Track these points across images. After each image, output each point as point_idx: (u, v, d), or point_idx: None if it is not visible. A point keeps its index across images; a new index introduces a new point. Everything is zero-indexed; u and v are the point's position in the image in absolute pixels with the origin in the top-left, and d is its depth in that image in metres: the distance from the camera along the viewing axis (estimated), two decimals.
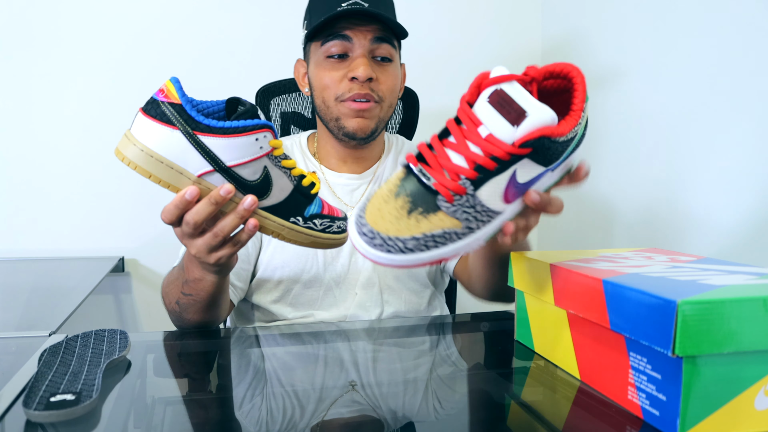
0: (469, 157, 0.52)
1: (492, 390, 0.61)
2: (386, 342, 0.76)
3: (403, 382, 0.61)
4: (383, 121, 0.95)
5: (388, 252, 0.50)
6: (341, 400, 0.55)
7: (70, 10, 1.48)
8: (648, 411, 0.49)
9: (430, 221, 0.51)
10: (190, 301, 0.75)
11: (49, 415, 0.48)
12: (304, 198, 0.65)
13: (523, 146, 0.51)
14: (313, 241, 0.66)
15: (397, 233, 0.50)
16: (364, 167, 1.01)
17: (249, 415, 0.53)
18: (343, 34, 0.89)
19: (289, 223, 0.64)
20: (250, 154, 0.59)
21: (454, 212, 0.52)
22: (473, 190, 0.52)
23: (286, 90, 1.19)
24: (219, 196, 0.59)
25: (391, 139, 1.07)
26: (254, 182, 0.61)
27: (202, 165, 0.58)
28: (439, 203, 0.52)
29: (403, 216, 0.51)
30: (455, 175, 0.52)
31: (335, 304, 0.94)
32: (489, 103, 0.52)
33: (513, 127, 0.50)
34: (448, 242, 0.52)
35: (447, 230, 0.51)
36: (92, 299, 1.16)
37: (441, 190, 0.51)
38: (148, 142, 0.57)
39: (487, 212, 0.53)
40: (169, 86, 0.57)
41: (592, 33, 1.48)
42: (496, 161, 0.51)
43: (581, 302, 0.56)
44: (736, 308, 0.45)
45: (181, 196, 0.59)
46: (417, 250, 0.51)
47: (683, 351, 0.44)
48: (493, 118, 0.52)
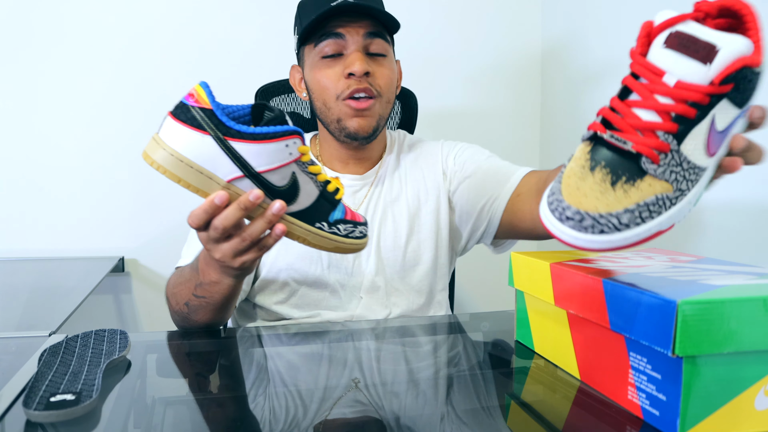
0: (661, 109, 0.46)
1: (492, 390, 0.60)
2: (387, 341, 0.76)
3: (404, 381, 0.61)
4: (383, 119, 0.94)
5: (601, 233, 0.45)
6: (344, 398, 0.55)
7: (70, 10, 1.48)
8: (648, 411, 0.49)
9: (639, 189, 0.45)
10: (202, 303, 0.75)
11: (49, 415, 0.48)
12: (329, 203, 0.66)
13: (723, 83, 0.45)
14: (337, 246, 0.66)
15: (608, 208, 0.45)
16: (366, 168, 1.00)
17: (250, 414, 0.53)
18: (336, 33, 0.89)
19: (315, 229, 0.64)
20: (280, 160, 0.60)
21: (663, 173, 0.46)
22: (677, 144, 0.46)
23: (285, 90, 1.19)
24: (248, 202, 0.59)
25: (393, 135, 1.06)
26: (282, 188, 0.61)
27: (231, 170, 0.58)
28: (644, 166, 0.46)
29: (608, 189, 0.45)
30: (651, 133, 0.46)
31: (341, 306, 0.94)
32: (668, 48, 0.47)
33: (705, 66, 0.45)
34: (663, 210, 0.46)
35: (659, 195, 0.46)
36: (92, 299, 1.16)
37: (643, 150, 0.46)
38: (177, 147, 0.57)
39: (694, 169, 0.47)
40: (199, 90, 0.57)
41: (592, 32, 1.48)
42: (695, 107, 0.45)
43: (581, 302, 0.56)
44: (736, 308, 0.44)
45: (211, 200, 0.59)
46: (633, 224, 0.45)
47: (683, 351, 0.43)
48: (677, 62, 0.46)
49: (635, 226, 0.45)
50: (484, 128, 1.75)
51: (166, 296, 0.84)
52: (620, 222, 0.44)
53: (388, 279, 0.95)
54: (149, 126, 1.54)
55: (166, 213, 1.56)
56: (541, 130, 1.78)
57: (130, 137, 1.54)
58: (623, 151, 0.47)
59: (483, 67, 1.73)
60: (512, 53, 1.75)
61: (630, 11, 1.32)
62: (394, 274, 0.96)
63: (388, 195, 0.99)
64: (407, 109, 1.23)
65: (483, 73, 1.74)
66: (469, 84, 1.73)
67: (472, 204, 0.97)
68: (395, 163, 1.02)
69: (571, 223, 0.45)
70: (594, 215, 0.44)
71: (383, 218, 0.97)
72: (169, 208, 1.56)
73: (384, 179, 1.00)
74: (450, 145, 1.04)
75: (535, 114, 1.78)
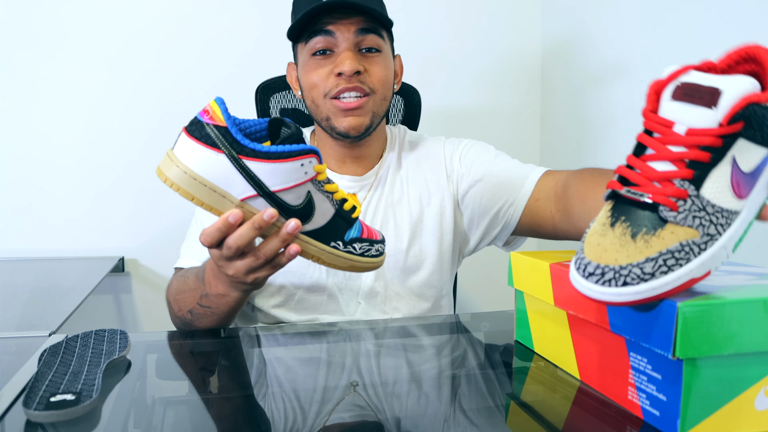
0: (675, 158, 0.46)
1: (492, 390, 0.60)
2: (386, 342, 0.76)
3: (402, 382, 0.61)
4: (378, 116, 0.92)
5: (625, 285, 0.44)
6: (342, 400, 0.55)
7: (69, 10, 1.48)
8: (648, 411, 0.49)
9: (661, 237, 0.45)
10: (207, 312, 0.75)
11: (49, 415, 0.48)
12: (345, 222, 0.64)
13: (732, 122, 0.45)
14: (352, 265, 0.65)
15: (628, 260, 0.44)
16: (366, 168, 0.98)
17: (250, 415, 0.53)
18: (326, 30, 0.87)
19: (330, 248, 0.64)
20: (295, 180, 0.59)
21: (684, 219, 0.45)
22: (695, 190, 0.46)
23: (286, 86, 1.19)
24: (262, 221, 0.58)
25: (393, 131, 1.03)
26: (297, 207, 0.60)
27: (245, 189, 0.58)
28: (663, 215, 0.45)
29: (628, 241, 0.45)
30: (668, 182, 0.46)
31: (339, 310, 0.93)
32: (675, 100, 0.48)
33: (712, 110, 0.45)
34: (691, 257, 0.44)
35: (684, 242, 0.45)
36: (92, 299, 1.16)
37: (660, 199, 0.46)
38: (191, 164, 0.56)
39: (722, 213, 0.46)
40: (214, 107, 0.57)
41: (592, 31, 1.48)
42: (708, 150, 0.46)
43: (581, 303, 0.56)
44: (736, 310, 0.44)
45: (225, 219, 0.58)
46: (659, 273, 0.44)
47: (684, 353, 0.43)
48: (685, 111, 0.47)
49: (662, 275, 0.44)
50: (484, 127, 1.74)
51: (167, 300, 0.83)
52: (643, 272, 0.44)
53: (387, 283, 0.94)
54: (149, 126, 1.54)
55: (166, 213, 1.56)
56: (541, 128, 1.78)
57: (130, 137, 1.54)
58: (641, 203, 0.47)
59: (483, 65, 1.73)
60: (512, 52, 1.75)
61: (630, 10, 1.32)
62: (394, 278, 0.94)
63: (390, 198, 0.97)
64: (410, 106, 1.23)
65: (483, 72, 1.73)
66: (469, 82, 1.73)
67: (485, 208, 0.95)
68: (397, 163, 1.00)
69: (594, 278, 0.45)
70: (614, 267, 0.44)
71: (384, 221, 0.95)
72: (169, 208, 1.56)
73: (385, 181, 0.98)
74: (453, 144, 1.01)
75: (535, 112, 1.78)
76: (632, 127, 1.31)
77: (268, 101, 1.18)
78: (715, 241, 0.46)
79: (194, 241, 0.90)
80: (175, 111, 1.55)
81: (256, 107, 1.17)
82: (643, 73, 1.28)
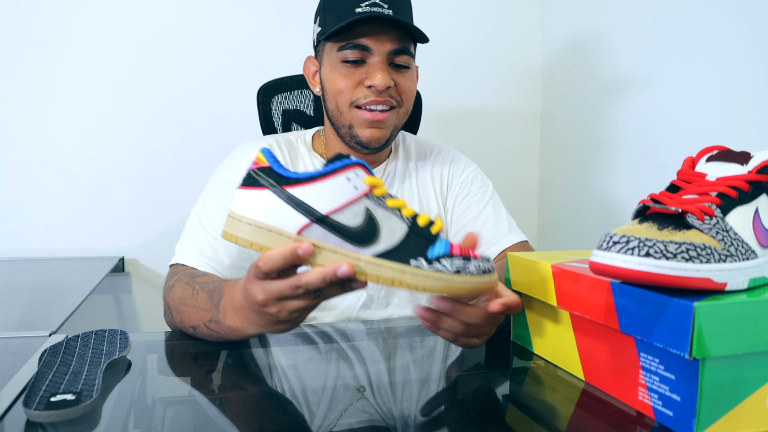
0: (705, 191, 0.51)
1: (495, 391, 0.60)
2: (386, 343, 0.76)
3: (404, 383, 0.60)
4: (397, 129, 0.92)
5: (647, 256, 0.44)
6: (343, 402, 0.55)
7: (69, 10, 1.48)
8: (661, 412, 0.48)
9: (686, 234, 0.47)
10: (213, 335, 0.70)
11: (49, 415, 0.48)
12: (424, 239, 0.55)
13: (760, 172, 0.51)
14: (447, 285, 0.54)
15: (655, 237, 0.46)
16: (373, 167, 0.98)
17: (250, 415, 0.52)
18: (362, 45, 0.85)
19: (411, 267, 0.54)
20: (345, 197, 0.54)
21: (709, 230, 0.47)
22: (721, 213, 0.49)
23: (288, 87, 1.18)
24: (334, 277, 0.52)
25: (397, 137, 1.04)
26: (358, 228, 0.54)
27: (298, 220, 0.53)
28: (689, 220, 0.48)
29: (656, 231, 0.47)
30: (696, 203, 0.50)
31: (339, 310, 0.92)
32: (709, 162, 0.54)
33: (743, 166, 0.52)
34: (711, 259, 0.46)
35: (706, 244, 0.46)
36: (92, 299, 1.16)
37: (689, 208, 0.48)
38: (241, 211, 0.55)
39: (743, 244, 0.49)
40: (260, 155, 0.55)
41: (592, 35, 1.48)
42: (735, 189, 0.50)
43: (587, 304, 0.55)
44: (752, 309, 0.44)
45: (294, 250, 0.52)
46: (680, 257, 0.44)
47: (700, 353, 0.43)
48: (718, 168, 0.53)
49: (683, 260, 0.44)
50: (484, 129, 1.74)
51: (165, 301, 0.81)
52: (667, 249, 0.45)
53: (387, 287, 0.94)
54: (149, 126, 1.53)
55: (166, 213, 1.55)
56: (541, 131, 1.77)
57: (131, 137, 1.53)
58: (672, 211, 0.50)
59: (484, 68, 1.73)
60: (513, 55, 1.74)
61: (629, 15, 1.32)
62: None
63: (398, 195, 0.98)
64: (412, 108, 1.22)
65: (484, 75, 1.73)
66: (469, 85, 1.73)
67: None
68: (404, 164, 1.00)
69: (617, 246, 0.46)
70: (640, 237, 0.45)
71: None
72: (169, 208, 1.55)
73: (394, 177, 0.99)
74: (459, 167, 1.02)
75: (535, 116, 1.78)
76: (632, 129, 1.31)
77: (270, 102, 1.18)
78: (735, 261, 0.47)
79: (190, 240, 0.88)
80: (175, 111, 1.54)
81: (258, 109, 1.17)
82: (642, 76, 1.27)
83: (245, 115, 1.52)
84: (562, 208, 1.66)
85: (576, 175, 1.57)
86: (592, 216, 1.50)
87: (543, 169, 1.77)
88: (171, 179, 1.55)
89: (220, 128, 1.56)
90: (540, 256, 0.66)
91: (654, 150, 1.24)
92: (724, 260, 0.46)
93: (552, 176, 1.71)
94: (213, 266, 0.83)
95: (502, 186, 1.46)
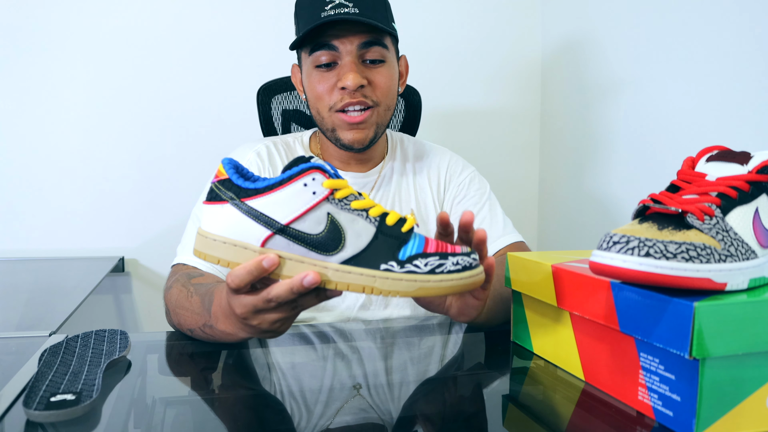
0: (705, 191, 0.51)
1: (494, 391, 0.60)
2: (385, 343, 0.76)
3: (403, 384, 0.60)
4: (382, 126, 0.92)
5: (647, 256, 0.44)
6: (343, 401, 0.55)
7: (69, 11, 1.48)
8: (661, 412, 0.48)
9: (686, 234, 0.47)
10: (209, 338, 0.71)
11: (49, 415, 0.48)
12: (393, 239, 0.53)
13: (760, 172, 0.51)
14: (422, 287, 0.51)
15: (655, 237, 0.46)
16: (369, 167, 0.99)
17: (251, 415, 0.52)
18: (329, 44, 0.86)
19: (381, 272, 0.52)
20: (304, 204, 0.52)
21: (709, 230, 0.48)
22: (721, 213, 0.49)
23: (287, 88, 1.18)
24: (301, 288, 0.51)
25: (394, 138, 1.04)
26: (320, 235, 0.52)
27: (260, 232, 0.52)
28: (690, 221, 0.48)
29: (656, 231, 0.47)
30: (696, 203, 0.50)
31: (338, 310, 0.92)
32: (709, 162, 0.54)
33: (743, 166, 0.52)
34: (711, 259, 0.46)
35: (706, 244, 0.46)
36: (92, 299, 1.16)
37: (689, 208, 0.49)
38: (208, 227, 0.54)
39: (743, 244, 0.49)
40: (220, 167, 0.54)
41: (592, 34, 1.48)
42: (735, 189, 0.51)
43: (587, 304, 0.55)
44: (752, 309, 0.44)
45: (258, 263, 0.51)
46: (680, 257, 0.44)
47: (700, 353, 0.43)
48: (718, 168, 0.53)
49: (683, 260, 0.44)
50: (484, 129, 1.74)
51: (165, 302, 0.81)
52: (667, 249, 0.45)
53: None
54: (149, 126, 1.53)
55: (166, 213, 1.55)
56: (541, 130, 1.77)
57: (130, 137, 1.53)
58: (672, 211, 0.50)
59: (484, 67, 1.73)
60: (513, 54, 1.74)
61: (629, 13, 1.32)
62: None
63: (397, 195, 0.98)
64: (411, 107, 1.23)
65: (483, 74, 1.73)
66: (469, 84, 1.72)
67: None
68: (401, 165, 1.01)
69: (617, 246, 0.46)
70: (640, 237, 0.46)
71: None
72: (169, 208, 1.55)
73: (391, 178, 0.99)
74: (457, 169, 1.02)
75: (535, 115, 1.78)
76: (633, 128, 1.31)
77: (270, 102, 1.18)
78: (735, 262, 0.47)
79: (190, 241, 0.89)
80: (175, 111, 1.54)
81: (258, 109, 1.17)
82: (641, 76, 1.27)
83: (245, 116, 1.52)
84: (561, 207, 1.66)
85: (576, 175, 1.57)
86: (592, 216, 1.50)
87: (543, 169, 1.76)
88: (171, 179, 1.55)
89: (220, 128, 1.56)
90: (540, 256, 0.66)
91: (655, 150, 1.24)
92: (724, 260, 0.46)
93: (552, 176, 1.71)
94: (213, 266, 0.84)
95: (501, 186, 1.46)
